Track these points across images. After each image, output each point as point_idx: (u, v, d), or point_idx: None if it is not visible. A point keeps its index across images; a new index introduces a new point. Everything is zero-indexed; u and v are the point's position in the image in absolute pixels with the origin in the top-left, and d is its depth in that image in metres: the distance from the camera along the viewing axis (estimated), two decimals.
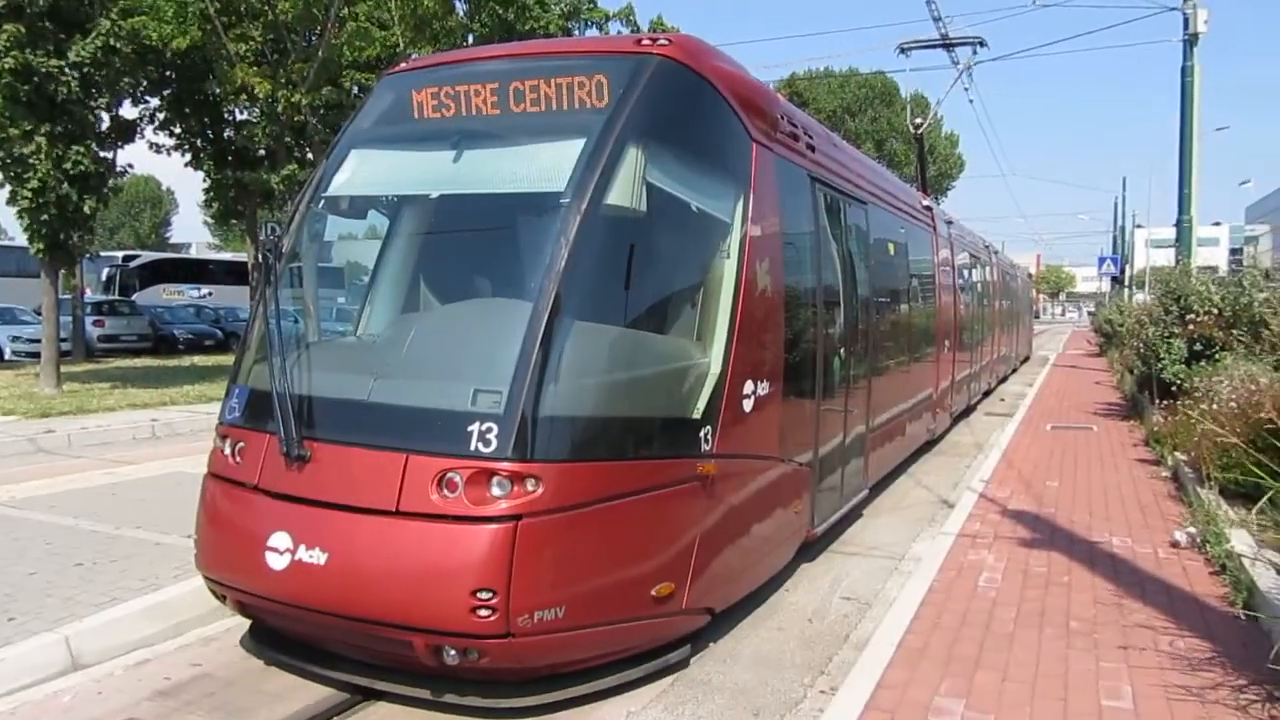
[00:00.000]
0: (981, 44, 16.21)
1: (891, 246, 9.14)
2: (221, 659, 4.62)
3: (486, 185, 4.77)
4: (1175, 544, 6.15)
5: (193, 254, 61.44)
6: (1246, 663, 4.04)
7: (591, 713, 4.07)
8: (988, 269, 17.30)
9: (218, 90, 21.20)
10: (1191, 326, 10.49)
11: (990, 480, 8.50)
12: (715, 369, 4.63)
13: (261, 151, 23.98)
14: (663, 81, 4.63)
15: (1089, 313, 68.88)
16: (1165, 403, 10.16)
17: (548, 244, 4.15)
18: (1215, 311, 10.30)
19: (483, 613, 3.63)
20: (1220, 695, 3.79)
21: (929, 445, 11.19)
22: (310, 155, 20.39)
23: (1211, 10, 15.74)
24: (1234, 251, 66.80)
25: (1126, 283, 43.21)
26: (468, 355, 4.37)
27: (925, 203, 11.90)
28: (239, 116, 25.12)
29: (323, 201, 5.11)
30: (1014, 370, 23.03)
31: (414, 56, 19.90)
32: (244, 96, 18.93)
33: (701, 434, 4.49)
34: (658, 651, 4.40)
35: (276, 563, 3.92)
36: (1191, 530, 6.21)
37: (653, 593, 4.18)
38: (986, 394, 17.25)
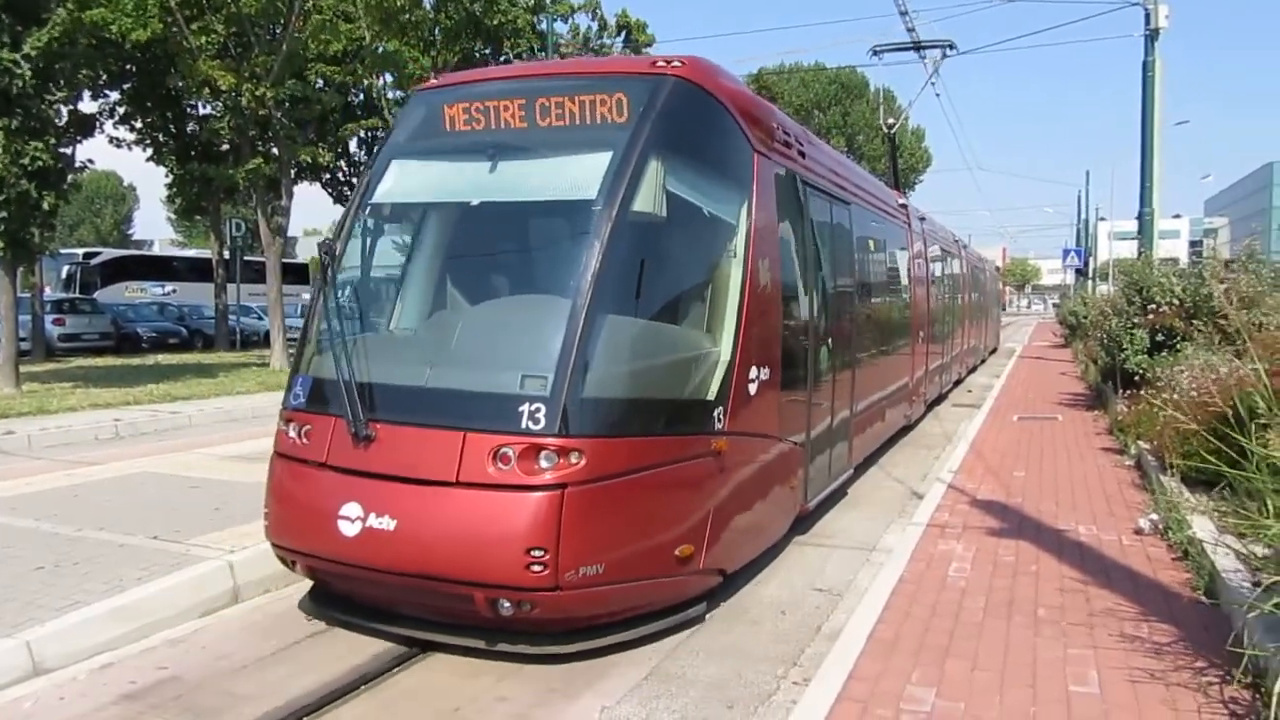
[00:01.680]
0: (951, 47, 16.84)
1: (872, 243, 9.69)
2: (189, 661, 4.56)
3: (523, 194, 5.25)
4: (1139, 531, 6.25)
5: (156, 251, 60.47)
6: (1207, 646, 4.12)
7: (566, 708, 4.07)
8: (958, 263, 17.92)
9: (180, 84, 20.89)
10: (1153, 317, 10.66)
11: (959, 471, 8.59)
12: (725, 356, 5.18)
13: (225, 146, 23.67)
14: (677, 99, 5.15)
15: (1054, 305, 69.84)
16: (1128, 392, 10.32)
17: (582, 246, 4.72)
18: (1176, 302, 10.48)
19: (535, 569, 4.17)
20: (1183, 678, 3.86)
21: (904, 431, 11.57)
22: (275, 149, 20.12)
23: (1172, 6, 16.00)
24: (1194, 243, 67.93)
25: (1090, 275, 43.86)
26: (515, 345, 4.87)
27: (900, 201, 12.39)
28: (202, 110, 24.79)
29: (369, 209, 5.66)
30: (982, 361, 23.62)
31: (380, 48, 19.73)
32: (207, 90, 18.64)
33: (715, 414, 5.05)
34: (679, 607, 4.94)
35: (349, 530, 4.42)
36: (1154, 518, 6.32)
37: (676, 553, 4.74)
38: (957, 383, 17.80)
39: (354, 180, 32.93)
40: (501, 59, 25.04)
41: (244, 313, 28.20)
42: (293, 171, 22.06)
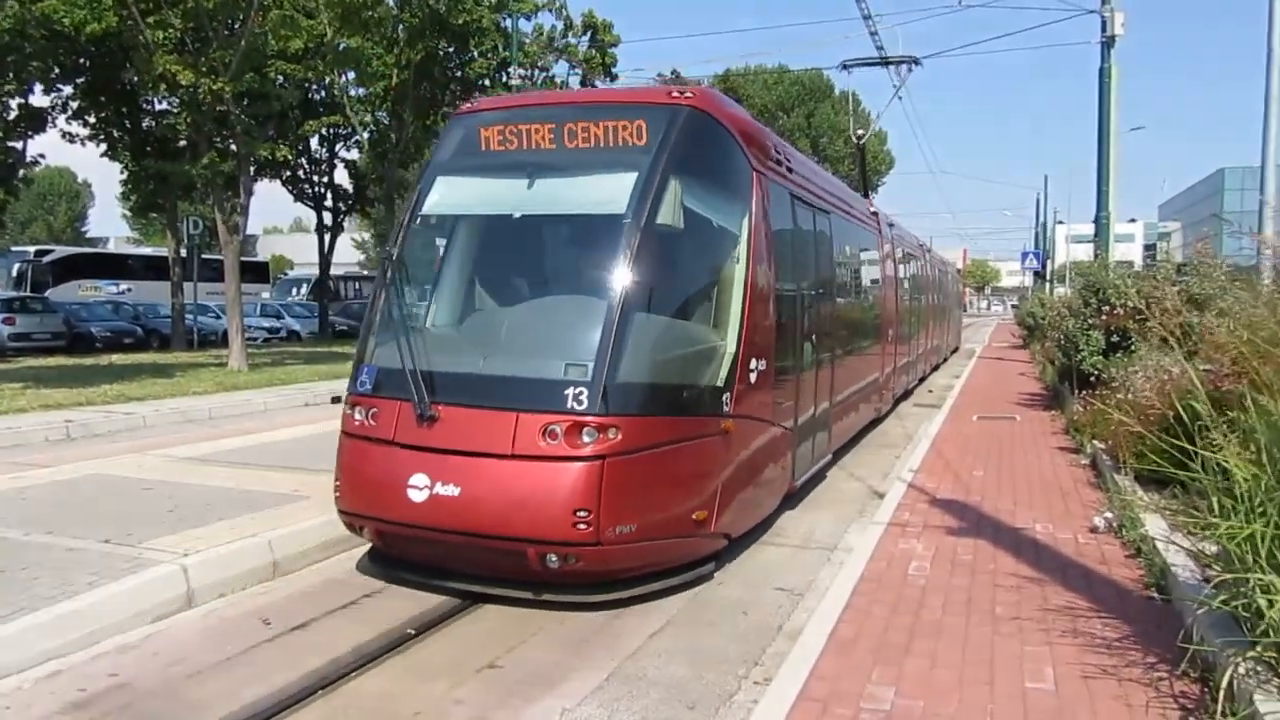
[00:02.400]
0: (916, 62, 17.70)
1: (849, 249, 10.60)
2: (140, 668, 4.46)
3: (560, 208, 6.06)
4: (1094, 529, 6.36)
5: (110, 248, 59.24)
6: (1159, 641, 4.19)
7: (525, 710, 4.04)
8: (923, 266, 18.84)
9: (135, 78, 20.49)
10: (1108, 318, 10.84)
11: (919, 470, 8.67)
12: (730, 348, 5.92)
13: (182, 142, 23.25)
14: (690, 125, 5.91)
15: (1013, 306, 70.86)
16: (1084, 393, 10.48)
17: (614, 253, 5.49)
18: (1131, 304, 10.65)
19: (580, 527, 4.90)
20: (1135, 673, 3.92)
21: (875, 423, 12.30)
22: (234, 145, 19.80)
23: (1128, 14, 16.32)
24: (1148, 247, 69.37)
25: (1048, 277, 44.58)
26: (559, 338, 5.61)
27: (871, 209, 13.28)
28: (158, 106, 24.33)
29: (420, 219, 6.33)
30: (945, 360, 24.24)
31: (342, 45, 19.51)
32: (163, 85, 18.29)
33: (723, 398, 5.80)
34: (692, 565, 5.67)
35: (417, 497, 5.10)
36: (1109, 516, 6.43)
37: (693, 517, 5.49)
38: (922, 379, 18.61)
39: (314, 178, 32.58)
40: (466, 57, 24.90)
41: (202, 312, 27.69)
42: (251, 168, 21.74)
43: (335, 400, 14.79)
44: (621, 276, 5.39)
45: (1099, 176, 17.03)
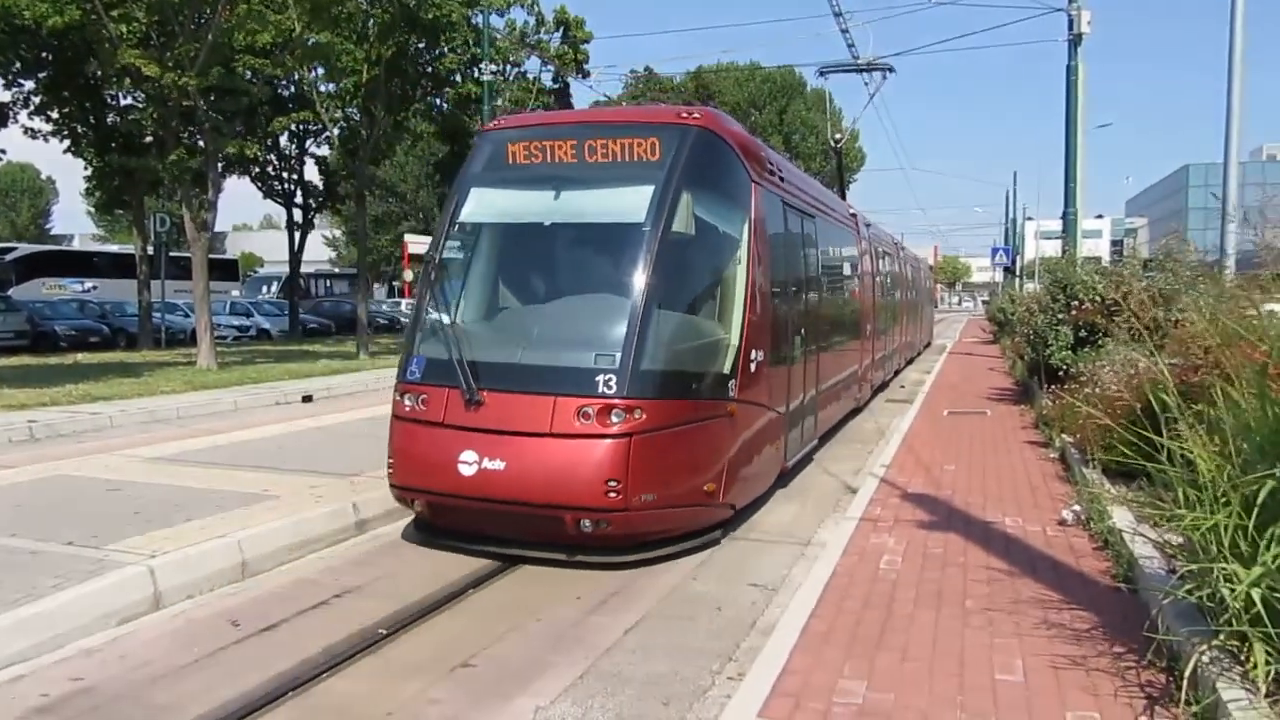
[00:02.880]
0: (890, 70, 18.76)
1: (831, 250, 11.33)
2: (105, 671, 4.39)
3: (586, 216, 6.79)
4: (1062, 522, 6.43)
5: (75, 246, 58.28)
6: (1125, 631, 4.25)
7: (500, 709, 4.02)
8: (897, 264, 19.60)
9: (99, 73, 20.16)
10: (1076, 314, 10.97)
11: (891, 465, 8.74)
12: (734, 341, 6.66)
13: (148, 138, 22.92)
14: (698, 143, 6.63)
15: (983, 302, 71.60)
16: (1053, 387, 10.61)
17: (636, 257, 6.20)
18: (1098, 299, 10.80)
19: (611, 495, 5.61)
20: (1102, 663, 3.98)
21: (855, 412, 13.01)
22: (201, 141, 19.54)
23: (1095, 12, 16.52)
24: (1115, 243, 70.35)
25: (1018, 273, 45.06)
26: (589, 332, 6.21)
27: (851, 211, 14.01)
28: (123, 101, 23.98)
29: (457, 226, 6.98)
30: (919, 354, 25.21)
31: (311, 40, 19.31)
32: (128, 80, 18.01)
33: (729, 385, 6.56)
34: (701, 533, 6.38)
35: (467, 471, 5.79)
36: (1077, 509, 6.51)
37: (704, 488, 6.24)
38: (897, 372, 19.46)
39: (284, 174, 32.22)
40: (437, 53, 24.71)
41: (170, 310, 27.32)
42: (220, 165, 21.47)
43: (306, 399, 14.66)
44: (642, 278, 6.11)
45: (1067, 173, 17.24)
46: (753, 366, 6.89)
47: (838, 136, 20.82)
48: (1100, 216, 78.31)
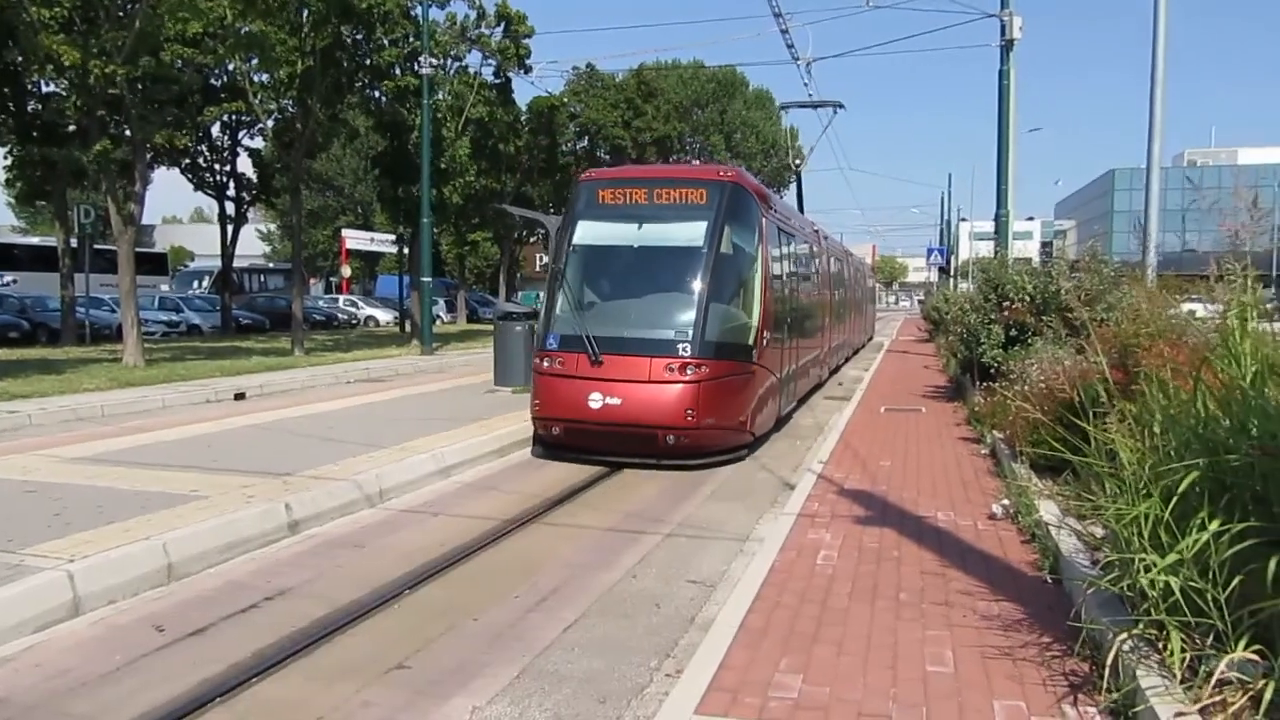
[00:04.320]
0: (840, 106, 22.88)
1: (804, 259, 14.69)
2: (20, 681, 4.22)
3: (662, 242, 9.91)
4: (993, 516, 6.58)
5: None
6: (1052, 622, 4.36)
7: (434, 710, 3.97)
8: (847, 268, 22.98)
9: (19, 59, 19.37)
10: (1007, 313, 11.24)
11: (829, 461, 8.85)
12: (755, 323, 9.93)
13: (72, 126, 22.12)
14: (732, 192, 10.04)
15: (919, 301, 72.95)
16: (985, 385, 10.85)
17: (697, 270, 9.53)
18: (1028, 299, 11.08)
19: (689, 418, 8.87)
20: (1029, 654, 4.08)
21: (816, 388, 15.70)
22: (128, 131, 18.91)
23: (1026, 20, 16.93)
24: (1045, 244, 72.15)
25: (952, 273, 46.03)
26: (670, 317, 9.47)
27: (815, 227, 17.44)
28: (45, 88, 23.07)
29: (573, 247, 10.11)
30: (863, 345, 27.91)
31: (244, 29, 18.82)
32: (50, 67, 17.32)
33: (752, 353, 9.83)
34: (738, 449, 9.69)
35: (594, 405, 8.98)
36: (1006, 503, 6.67)
37: (740, 419, 9.55)
38: (848, 359, 22.53)
39: (216, 166, 31.35)
40: (375, 45, 24.30)
41: (95, 305, 26.38)
42: (147, 155, 20.81)
43: (239, 397, 14.30)
44: (701, 283, 9.47)
45: (999, 176, 17.64)
46: (764, 343, 10.15)
47: (798, 162, 24.62)
48: (1031, 218, 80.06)
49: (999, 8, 16.99)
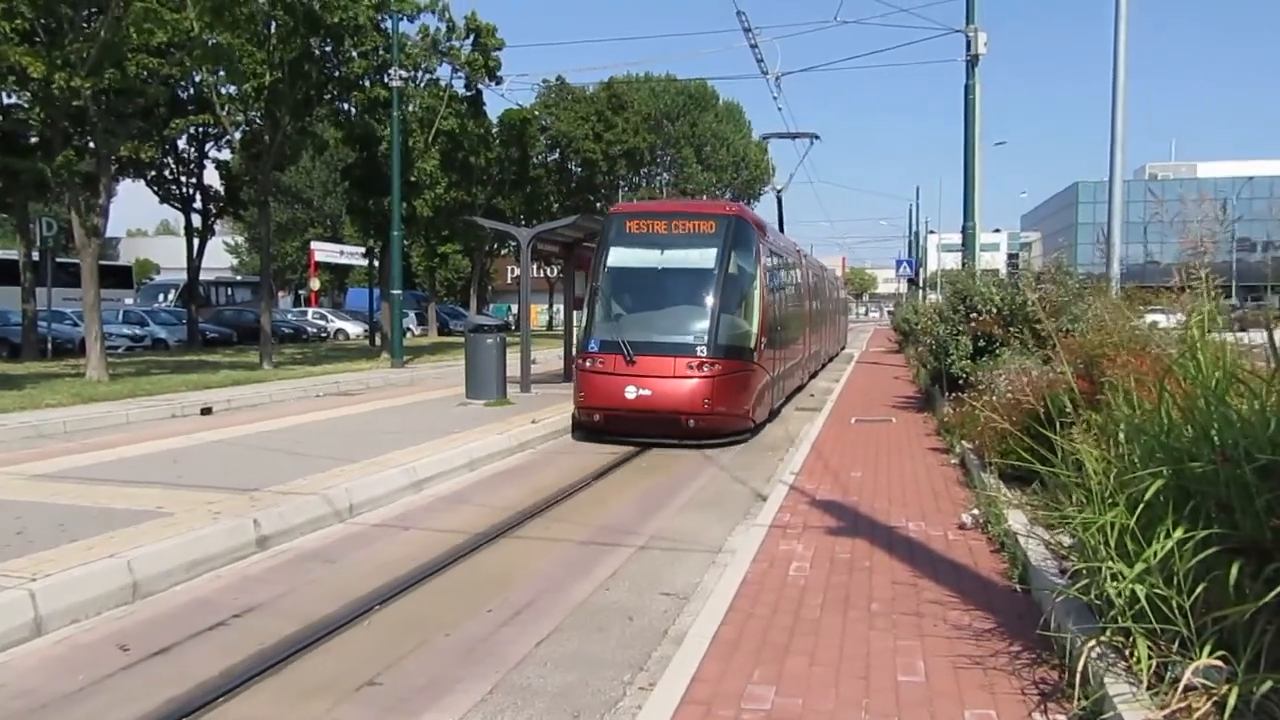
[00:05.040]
0: (816, 137, 24.58)
1: (789, 276, 16.73)
2: None
3: (681, 264, 12.07)
4: (962, 526, 6.64)
5: None
6: (1022, 631, 4.40)
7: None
8: (824, 283, 25.31)
9: None
10: (975, 324, 11.37)
11: (800, 473, 8.89)
12: (754, 332, 12.01)
13: (35, 138, 21.80)
14: (736, 223, 12.23)
15: (889, 312, 73.61)
16: (954, 395, 10.95)
17: (709, 286, 11.77)
18: (995, 310, 11.22)
19: (705, 405, 11.11)
20: (999, 662, 4.11)
21: (799, 389, 17.65)
22: (92, 143, 18.65)
23: (991, 35, 17.20)
24: (1011, 256, 73.22)
25: (921, 284, 46.50)
26: (689, 325, 11.56)
27: (796, 247, 19.70)
28: (7, 99, 22.69)
29: (606, 268, 12.31)
30: (837, 354, 29.56)
31: (212, 41, 18.66)
32: (12, 78, 17.07)
33: (753, 355, 11.89)
34: (742, 433, 11.76)
35: (630, 396, 11.10)
36: (976, 512, 6.73)
37: (745, 408, 11.67)
38: (824, 365, 24.27)
39: (182, 178, 31.02)
40: (345, 57, 24.17)
41: (57, 319, 25.91)
42: (113, 167, 20.52)
43: (205, 411, 14.10)
44: (713, 297, 11.76)
45: (965, 188, 17.86)
46: (762, 347, 12.37)
47: (779, 186, 26.79)
48: (998, 230, 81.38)
49: (964, 23, 17.24)
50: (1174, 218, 5.42)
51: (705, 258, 11.90)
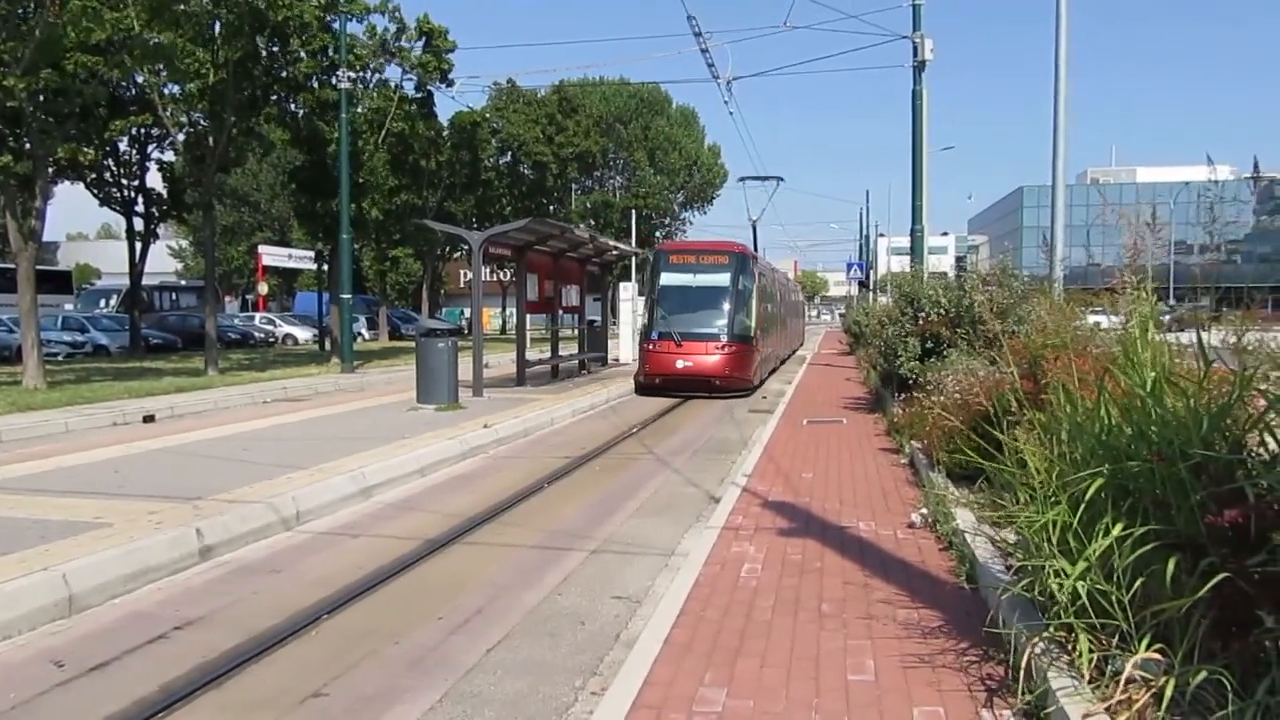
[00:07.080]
0: (780, 179, 30.11)
1: (768, 288, 22.79)
2: None
3: (707, 282, 19.31)
4: (912, 525, 6.72)
5: None
6: (969, 628, 4.46)
7: None
8: (787, 290, 32.18)
9: None
10: (923, 326, 11.53)
11: (753, 475, 8.93)
12: (753, 324, 19.35)
13: None
14: (740, 257, 19.98)
15: (840, 315, 74.45)
16: (903, 396, 11.11)
17: (726, 296, 19.14)
18: (942, 312, 11.39)
19: (727, 371, 18.56)
20: (947, 660, 4.16)
21: (774, 371, 23.77)
22: (28, 144, 18.11)
23: (937, 42, 17.49)
24: (959, 259, 74.47)
25: (872, 287, 47.10)
26: (714, 321, 18.78)
27: (772, 266, 25.89)
28: None
29: (659, 287, 19.45)
30: (797, 349, 35.27)
31: (154, 40, 18.23)
32: None
33: (753, 340, 19.36)
34: (749, 390, 19.25)
35: (679, 366, 18.38)
36: (924, 511, 6.82)
37: (750, 374, 19.25)
38: (791, 354, 31.52)
39: (124, 181, 30.30)
40: (290, 55, 23.77)
41: None
42: (49, 169, 19.94)
43: (148, 419, 13.75)
44: (729, 303, 18.82)
45: (913, 192, 18.13)
46: (757, 335, 19.24)
47: (754, 218, 31.38)
48: (946, 234, 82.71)
49: (911, 30, 17.51)
50: (1117, 221, 5.53)
51: (722, 279, 18.97)
